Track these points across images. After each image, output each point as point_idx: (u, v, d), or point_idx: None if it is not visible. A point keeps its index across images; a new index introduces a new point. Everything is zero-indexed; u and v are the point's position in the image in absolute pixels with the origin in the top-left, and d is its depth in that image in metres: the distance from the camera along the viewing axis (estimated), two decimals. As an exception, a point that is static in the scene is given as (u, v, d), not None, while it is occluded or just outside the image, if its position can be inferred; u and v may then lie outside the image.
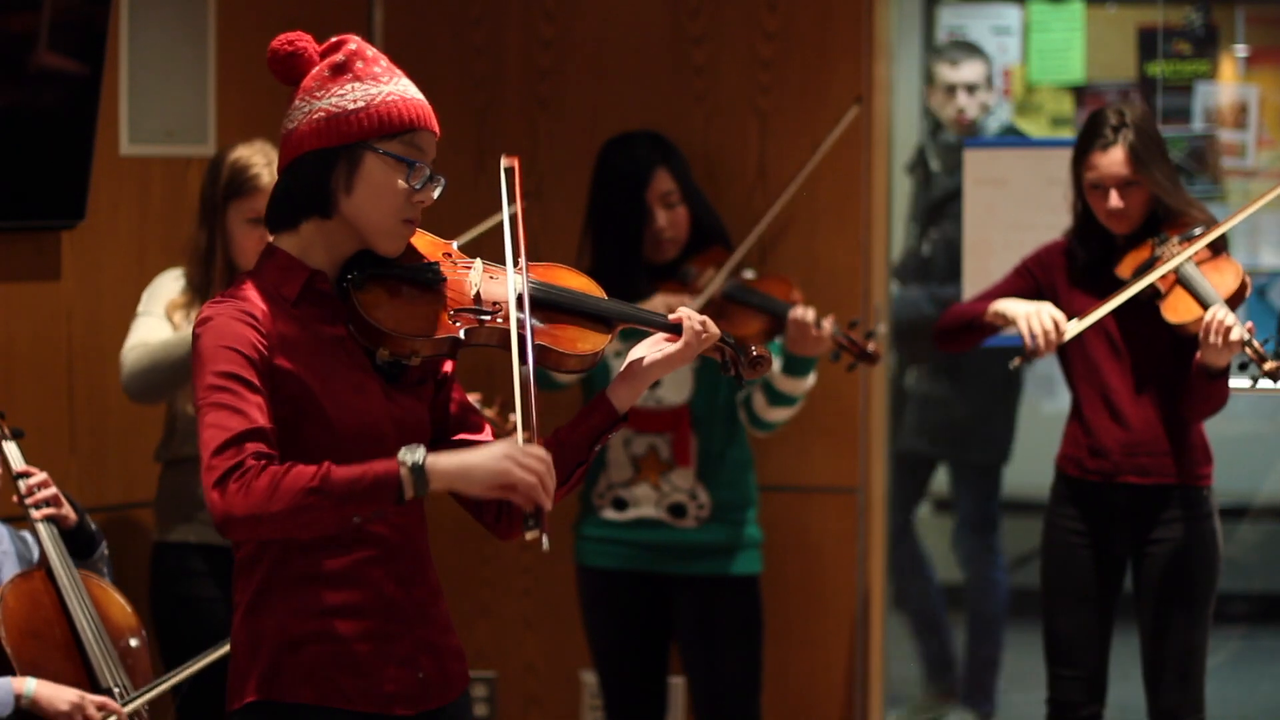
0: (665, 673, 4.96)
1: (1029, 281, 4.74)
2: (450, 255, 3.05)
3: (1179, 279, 4.48)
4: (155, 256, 4.83)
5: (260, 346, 2.88)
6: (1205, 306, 4.42)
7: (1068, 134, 7.86)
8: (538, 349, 2.96)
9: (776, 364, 4.74)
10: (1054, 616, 4.66)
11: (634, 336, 3.20)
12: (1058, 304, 4.65)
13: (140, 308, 4.48)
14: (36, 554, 4.02)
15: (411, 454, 2.82)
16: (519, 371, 2.90)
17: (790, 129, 5.41)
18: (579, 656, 5.42)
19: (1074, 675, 4.64)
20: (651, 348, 3.11)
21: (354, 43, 2.99)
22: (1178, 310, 4.47)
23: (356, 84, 2.95)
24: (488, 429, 3.13)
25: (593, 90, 5.57)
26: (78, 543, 4.04)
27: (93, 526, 4.09)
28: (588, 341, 3.03)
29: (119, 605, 4.02)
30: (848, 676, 5.45)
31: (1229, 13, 7.50)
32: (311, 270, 2.97)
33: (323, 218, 2.96)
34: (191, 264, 4.45)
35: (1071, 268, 4.68)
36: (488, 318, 2.97)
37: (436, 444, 3.04)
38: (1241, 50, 7.43)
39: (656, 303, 4.70)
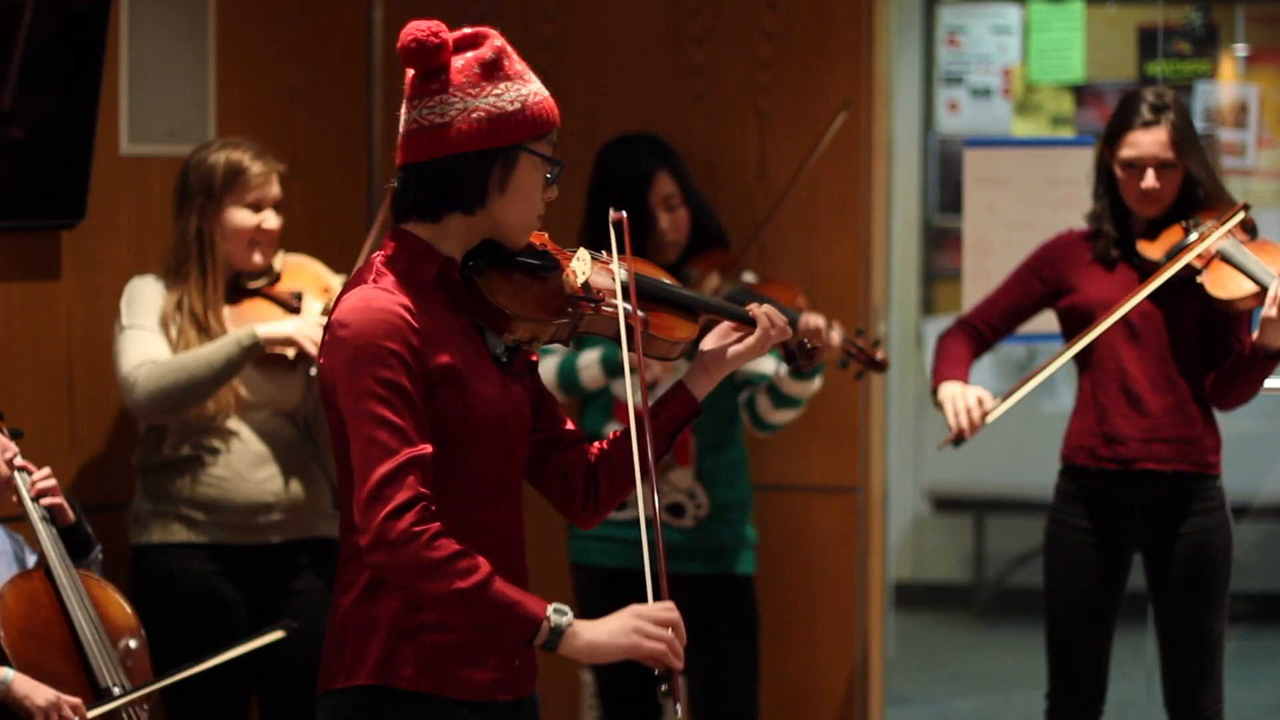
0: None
1: (1030, 286, 4.68)
2: (546, 246, 3.11)
3: (1223, 257, 4.38)
4: (155, 256, 4.83)
5: (414, 343, 2.89)
6: (1257, 283, 4.33)
7: (1068, 133, 7.88)
8: (644, 336, 3.07)
9: (782, 368, 4.73)
10: (1057, 615, 4.64)
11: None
12: (1072, 297, 4.60)
13: (125, 320, 4.44)
14: (30, 555, 4.01)
15: (562, 616, 2.90)
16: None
17: (790, 129, 5.41)
18: (579, 656, 5.41)
19: (1075, 674, 4.62)
20: (723, 339, 3.16)
21: (498, 39, 2.99)
22: (1226, 287, 4.37)
23: (509, 84, 2.96)
24: (568, 420, 3.18)
25: (593, 90, 5.56)
26: (73, 543, 4.03)
27: (89, 529, 4.08)
28: (683, 329, 3.14)
29: (118, 605, 4.01)
30: (848, 676, 5.45)
31: (1229, 12, 7.51)
32: (444, 257, 2.98)
33: (466, 213, 2.97)
34: (179, 261, 4.47)
35: (1092, 256, 4.60)
36: (598, 304, 3.06)
37: (532, 432, 3.10)
38: (1241, 50, 7.44)
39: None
